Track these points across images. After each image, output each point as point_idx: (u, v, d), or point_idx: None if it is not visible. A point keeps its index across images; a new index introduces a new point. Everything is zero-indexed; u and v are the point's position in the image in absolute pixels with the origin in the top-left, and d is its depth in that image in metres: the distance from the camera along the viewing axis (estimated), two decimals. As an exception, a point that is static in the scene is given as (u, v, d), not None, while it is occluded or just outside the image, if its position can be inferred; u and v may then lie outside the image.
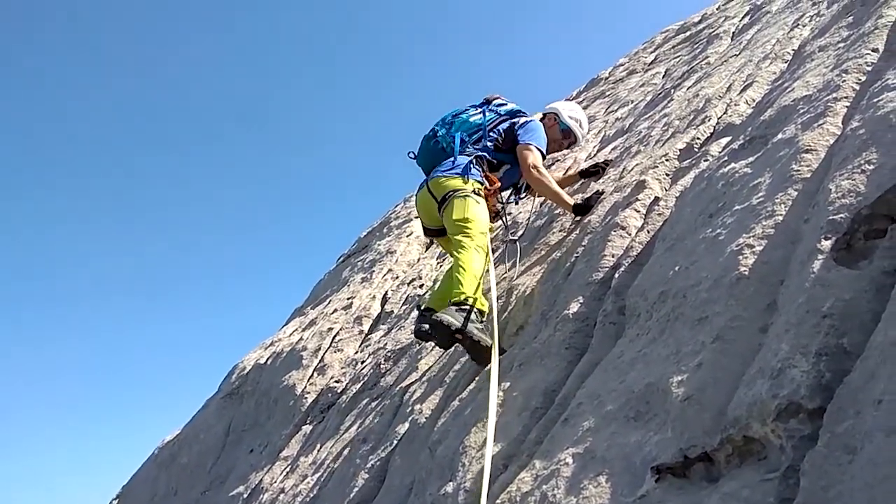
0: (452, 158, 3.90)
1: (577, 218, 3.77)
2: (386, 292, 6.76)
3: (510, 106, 4.21)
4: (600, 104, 7.28)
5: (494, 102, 4.21)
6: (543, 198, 4.61)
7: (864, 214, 1.52)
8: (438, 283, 4.07)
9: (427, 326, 3.63)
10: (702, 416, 1.48)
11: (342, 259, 9.35)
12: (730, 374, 1.52)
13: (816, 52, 2.87)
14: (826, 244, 1.53)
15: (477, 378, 3.03)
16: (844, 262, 1.47)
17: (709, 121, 3.49)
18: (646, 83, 6.96)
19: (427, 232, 4.17)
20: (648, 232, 2.75)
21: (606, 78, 8.81)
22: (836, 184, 1.66)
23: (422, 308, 3.87)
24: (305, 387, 5.69)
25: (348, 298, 7.00)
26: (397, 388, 4.07)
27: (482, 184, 3.77)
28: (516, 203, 4.47)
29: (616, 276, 2.61)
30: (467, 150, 3.95)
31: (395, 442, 3.33)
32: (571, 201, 3.79)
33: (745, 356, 1.53)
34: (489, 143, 4.00)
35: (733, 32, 6.06)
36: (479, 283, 3.26)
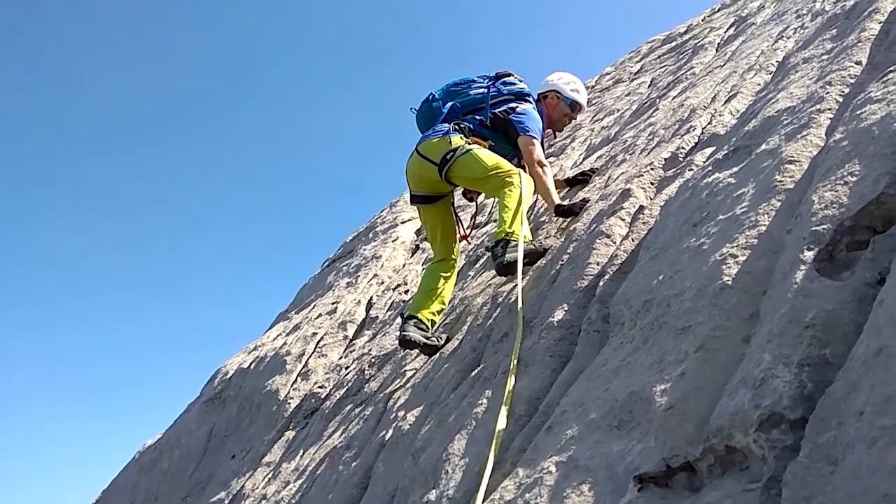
0: (436, 125, 4.07)
1: (560, 222, 3.81)
2: (371, 297, 6.75)
3: (518, 87, 4.29)
4: (586, 112, 7.31)
5: (503, 80, 4.30)
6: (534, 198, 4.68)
7: (847, 226, 1.53)
8: (420, 289, 4.07)
9: (409, 334, 3.66)
10: (684, 425, 1.48)
11: (327, 263, 9.32)
12: (713, 383, 1.53)
13: (801, 63, 2.89)
14: (809, 255, 1.53)
15: (461, 385, 3.02)
16: (827, 273, 1.48)
17: (693, 131, 3.51)
18: (631, 92, 7.00)
19: (414, 199, 4.21)
20: (633, 240, 2.76)
21: (592, 86, 8.86)
22: (819, 195, 1.67)
23: (405, 315, 3.87)
24: (289, 392, 5.66)
25: (333, 303, 6.97)
26: (381, 395, 4.06)
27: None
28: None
29: (601, 284, 2.61)
30: (457, 119, 4.08)
31: (379, 449, 3.32)
32: (557, 202, 3.85)
33: (727, 366, 1.54)
34: (478, 119, 4.11)
35: (718, 43, 6.12)
36: (521, 215, 3.59)
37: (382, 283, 7.02)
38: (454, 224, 4.26)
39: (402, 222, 8.31)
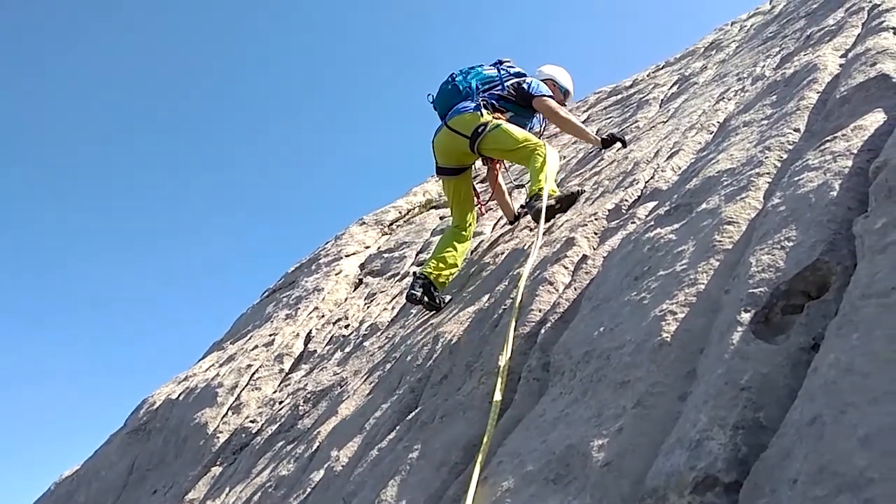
0: (469, 100, 4.61)
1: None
2: (310, 331, 6.63)
3: (517, 69, 5.00)
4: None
5: (506, 63, 4.99)
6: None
7: (783, 290, 1.57)
8: (433, 252, 4.56)
9: (416, 292, 4.17)
10: (620, 483, 1.47)
11: (267, 294, 9.15)
12: (649, 440, 1.53)
13: (741, 126, 3.00)
14: (745, 316, 1.56)
15: (398, 427, 2.97)
16: (763, 335, 1.50)
17: (637, 184, 3.59)
18: (578, 140, 7.15)
19: (440, 171, 4.80)
20: (575, 289, 2.78)
21: (539, 133, 9.02)
22: (757, 258, 1.72)
23: (416, 274, 4.33)
24: (218, 426, 5.48)
25: (270, 335, 6.82)
26: (315, 432, 3.96)
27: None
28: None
29: (542, 331, 2.62)
30: (479, 95, 4.65)
31: (309, 490, 3.22)
32: (597, 138, 4.71)
33: (664, 424, 1.54)
34: (497, 94, 4.70)
35: (662, 100, 6.33)
36: (549, 175, 4.16)
37: (323, 316, 6.92)
38: (472, 195, 4.88)
39: (347, 255, 8.24)
